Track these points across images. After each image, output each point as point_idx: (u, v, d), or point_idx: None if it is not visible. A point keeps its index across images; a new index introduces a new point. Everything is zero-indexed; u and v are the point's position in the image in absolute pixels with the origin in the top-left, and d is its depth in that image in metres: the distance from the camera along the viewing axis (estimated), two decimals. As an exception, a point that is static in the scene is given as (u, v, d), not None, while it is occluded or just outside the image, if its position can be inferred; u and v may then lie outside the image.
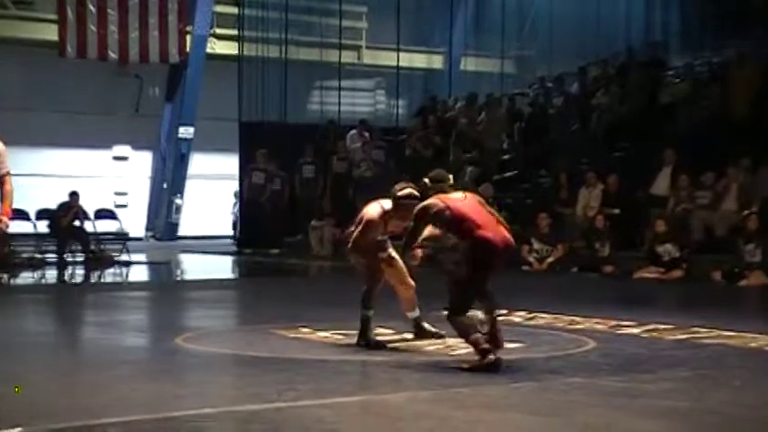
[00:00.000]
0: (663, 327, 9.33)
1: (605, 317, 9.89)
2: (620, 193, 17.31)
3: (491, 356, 6.99)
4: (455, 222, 7.14)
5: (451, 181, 7.52)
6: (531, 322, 9.47)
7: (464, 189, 7.68)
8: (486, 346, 7.06)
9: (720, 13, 24.04)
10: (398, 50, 25.93)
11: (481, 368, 6.97)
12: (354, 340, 8.17)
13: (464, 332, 7.16)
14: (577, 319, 9.81)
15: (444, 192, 7.35)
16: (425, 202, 7.33)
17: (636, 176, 17.71)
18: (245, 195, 22.37)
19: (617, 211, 16.92)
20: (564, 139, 21.09)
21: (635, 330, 9.19)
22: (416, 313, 8.32)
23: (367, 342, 7.97)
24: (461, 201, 7.25)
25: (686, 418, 5.68)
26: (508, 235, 7.22)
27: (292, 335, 8.71)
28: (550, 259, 16.56)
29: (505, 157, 21.37)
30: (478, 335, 7.14)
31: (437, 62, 28.53)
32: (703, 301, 12.80)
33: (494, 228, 7.14)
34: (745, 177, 16.20)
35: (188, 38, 24.86)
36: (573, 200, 17.98)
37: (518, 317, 9.80)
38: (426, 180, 7.54)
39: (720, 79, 19.72)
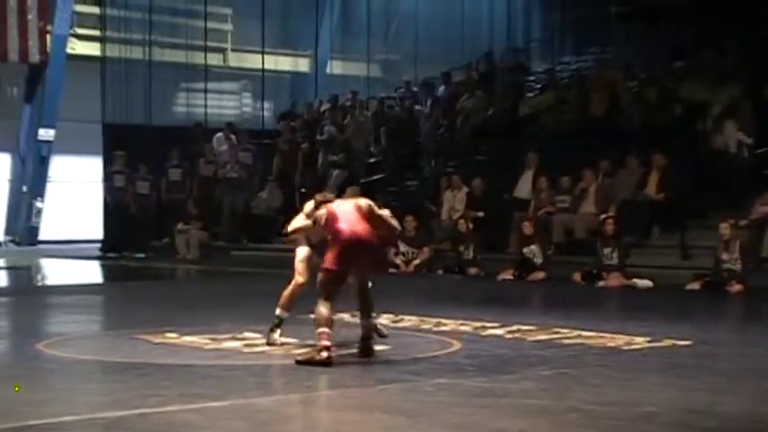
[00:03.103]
0: (526, 327, 9.52)
1: (470, 318, 10.03)
2: (484, 196, 17.57)
3: (324, 354, 7.26)
4: (327, 221, 7.73)
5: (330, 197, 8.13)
6: (398, 324, 9.55)
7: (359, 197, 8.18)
8: (326, 343, 7.30)
9: (581, 21, 24.67)
10: (263, 53, 25.86)
11: (313, 363, 7.21)
12: (222, 345, 8.20)
13: (317, 322, 7.42)
14: (443, 320, 9.93)
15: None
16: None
17: (500, 179, 18.03)
18: (106, 199, 21.91)
19: (481, 213, 17.17)
20: (430, 143, 21.34)
21: (499, 331, 9.35)
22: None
23: (270, 342, 8.16)
24: (341, 206, 7.83)
25: (550, 416, 5.82)
26: (361, 231, 7.63)
27: (158, 340, 8.60)
28: (416, 261, 16.72)
29: (372, 160, 21.51)
30: (327, 330, 7.36)
31: (303, 65, 28.55)
32: (564, 302, 13.10)
33: (351, 224, 7.64)
34: (603, 181, 16.63)
35: (48, 38, 24.31)
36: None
37: (384, 319, 9.85)
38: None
39: (581, 85, 20.21)
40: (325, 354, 7.27)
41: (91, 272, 19.49)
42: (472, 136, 20.82)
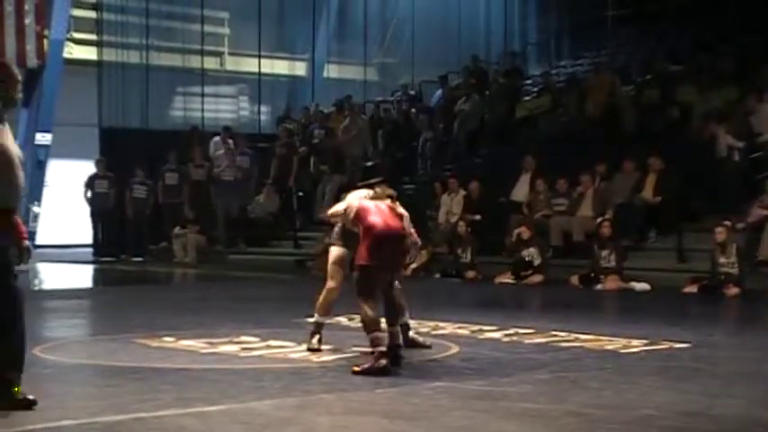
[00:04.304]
0: (523, 331, 9.52)
1: (468, 322, 10.03)
2: (481, 200, 17.56)
3: (383, 361, 7.11)
4: (359, 215, 7.60)
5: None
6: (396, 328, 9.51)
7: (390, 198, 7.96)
8: (382, 349, 7.19)
9: (577, 24, 24.70)
10: (260, 57, 25.86)
11: (371, 372, 7.08)
12: (219, 348, 8.21)
13: (366, 326, 7.32)
14: (441, 324, 9.93)
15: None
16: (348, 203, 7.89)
17: (497, 183, 18.03)
18: (91, 205, 21.76)
19: (478, 217, 17.17)
20: (427, 146, 21.34)
21: (496, 335, 9.35)
22: (405, 319, 8.28)
23: (309, 347, 8.13)
24: (375, 201, 7.71)
25: (547, 420, 5.81)
26: (394, 224, 7.54)
27: (155, 344, 8.59)
28: (414, 265, 16.64)
29: (369, 164, 21.47)
30: (380, 334, 7.26)
31: (300, 69, 28.54)
32: (562, 305, 13.10)
33: (384, 217, 7.53)
34: (600, 184, 16.64)
35: (45, 42, 24.29)
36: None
37: (382, 323, 9.84)
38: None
39: (577, 88, 20.22)
40: (383, 361, 7.13)
41: (88, 276, 19.48)
42: (469, 139, 20.84)
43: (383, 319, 7.50)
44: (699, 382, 7.06)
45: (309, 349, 8.09)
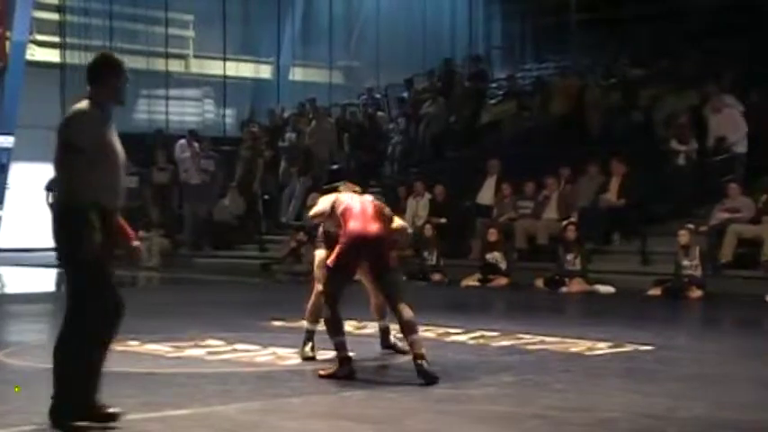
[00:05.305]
0: (489, 334, 9.55)
1: (433, 324, 10.04)
2: (447, 203, 17.59)
3: (345, 368, 7.09)
4: (344, 215, 7.42)
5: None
6: (362, 331, 9.54)
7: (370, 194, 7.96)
8: (346, 354, 7.15)
9: (541, 28, 24.82)
10: (225, 59, 25.80)
11: (335, 376, 7.06)
12: (185, 352, 8.17)
13: (329, 329, 7.26)
14: (406, 327, 9.91)
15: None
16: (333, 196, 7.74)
17: (463, 186, 18.07)
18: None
19: (444, 220, 17.20)
20: (393, 149, 21.38)
21: (462, 338, 9.38)
22: (385, 322, 8.24)
23: (303, 357, 7.95)
24: (355, 201, 7.53)
25: (512, 422, 5.84)
26: (372, 227, 7.33)
27: (120, 347, 8.49)
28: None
29: (335, 166, 21.48)
30: (343, 339, 7.22)
31: (265, 72, 28.51)
32: (527, 308, 13.16)
33: (363, 221, 7.34)
34: (564, 187, 16.72)
35: (7, 44, 24.12)
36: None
37: (349, 326, 9.81)
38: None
39: (542, 92, 20.32)
40: (347, 367, 7.10)
41: (51, 280, 19.32)
42: (434, 142, 20.88)
43: (347, 323, 7.49)
44: (662, 385, 7.11)
45: (304, 358, 7.88)
